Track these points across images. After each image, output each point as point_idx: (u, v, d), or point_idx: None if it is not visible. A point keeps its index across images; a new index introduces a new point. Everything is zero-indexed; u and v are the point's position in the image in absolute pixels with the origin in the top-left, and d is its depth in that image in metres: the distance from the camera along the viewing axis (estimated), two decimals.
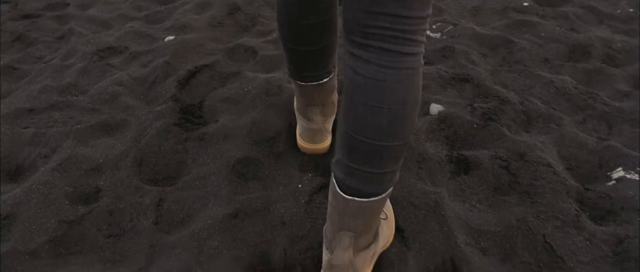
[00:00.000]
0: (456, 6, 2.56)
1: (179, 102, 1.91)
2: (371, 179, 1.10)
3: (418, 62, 1.04)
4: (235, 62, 2.18)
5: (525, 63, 2.09)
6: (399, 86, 1.02)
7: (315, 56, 1.45)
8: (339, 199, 1.14)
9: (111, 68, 2.14)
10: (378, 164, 1.09)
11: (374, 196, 1.13)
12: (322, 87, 1.55)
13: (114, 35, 2.38)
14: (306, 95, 1.57)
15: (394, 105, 1.03)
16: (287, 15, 1.38)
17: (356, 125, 1.06)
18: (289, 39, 1.43)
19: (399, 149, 1.08)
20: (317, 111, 1.60)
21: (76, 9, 2.70)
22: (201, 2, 2.64)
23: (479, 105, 1.83)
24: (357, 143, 1.07)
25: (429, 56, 2.15)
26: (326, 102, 1.61)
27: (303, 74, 1.50)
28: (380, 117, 1.04)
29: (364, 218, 1.16)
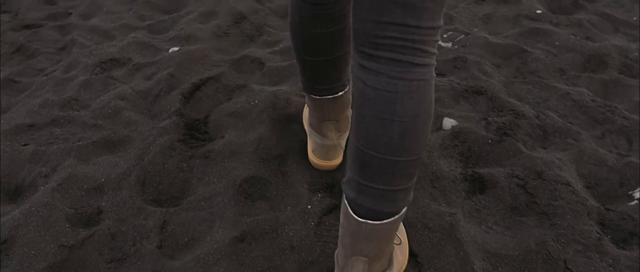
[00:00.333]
0: (467, 14, 2.51)
1: (184, 117, 1.87)
2: (383, 197, 1.07)
3: (430, 74, 1.02)
4: (241, 74, 2.14)
5: (540, 74, 2.03)
6: (410, 98, 0.99)
7: (328, 67, 1.41)
8: (351, 222, 1.10)
9: (114, 81, 2.09)
10: (390, 181, 1.05)
11: (388, 218, 1.09)
12: (337, 101, 1.51)
13: (117, 46, 2.34)
14: (320, 109, 1.53)
15: (405, 117, 1.00)
16: (299, 24, 1.35)
17: (367, 139, 1.03)
18: (301, 48, 1.40)
19: (411, 164, 1.05)
20: (332, 127, 1.56)
21: (78, 18, 2.66)
22: (206, 11, 2.60)
23: (494, 120, 1.77)
24: (368, 158, 1.04)
25: (441, 67, 2.10)
26: (341, 117, 1.57)
27: (316, 86, 1.46)
28: (391, 130, 1.01)
29: (377, 242, 1.12)
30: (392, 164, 1.03)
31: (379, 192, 1.06)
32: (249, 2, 2.69)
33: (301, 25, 1.35)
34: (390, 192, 1.06)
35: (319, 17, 1.33)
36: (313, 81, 1.45)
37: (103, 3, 2.77)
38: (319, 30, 1.34)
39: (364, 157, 1.05)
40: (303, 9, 1.34)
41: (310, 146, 1.63)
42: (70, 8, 2.81)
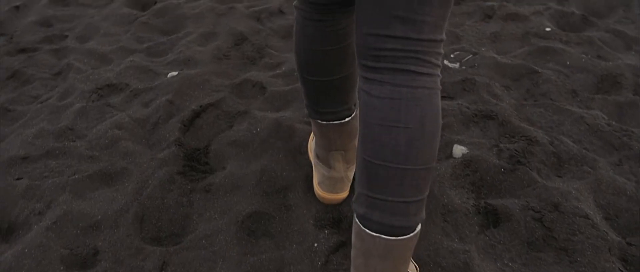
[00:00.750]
0: (474, 32, 2.46)
1: (183, 147, 1.81)
2: (394, 210, 1.04)
3: (434, 83, 1.03)
4: (242, 99, 2.09)
5: (552, 96, 1.98)
6: (415, 105, 1.00)
7: (333, 88, 1.37)
8: (364, 239, 1.07)
9: (111, 109, 2.04)
10: (399, 191, 1.03)
11: (401, 234, 1.05)
12: (343, 128, 1.46)
13: (114, 71, 2.29)
14: (327, 137, 1.48)
15: (410, 124, 1.00)
16: (304, 42, 1.32)
17: (373, 148, 1.03)
18: (305, 68, 1.36)
19: (420, 175, 1.03)
20: (339, 157, 1.51)
21: (75, 41, 2.62)
22: (205, 32, 2.55)
23: (506, 146, 1.72)
24: (375, 169, 1.03)
25: (449, 90, 2.05)
26: (348, 147, 1.51)
27: (321, 109, 1.42)
28: (397, 137, 1.01)
29: (392, 261, 1.08)
30: (401, 173, 1.02)
31: (389, 204, 1.04)
32: (250, 22, 2.64)
33: (305, 43, 1.32)
34: (400, 204, 1.04)
35: (324, 34, 1.30)
36: (317, 104, 1.41)
37: (100, 24, 2.73)
38: (323, 47, 1.31)
39: (372, 168, 1.04)
40: (307, 26, 1.31)
41: (316, 178, 1.57)
42: (67, 30, 2.76)
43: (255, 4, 2.85)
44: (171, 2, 2.88)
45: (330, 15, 1.29)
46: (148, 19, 2.74)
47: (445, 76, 2.14)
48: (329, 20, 1.29)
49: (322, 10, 1.28)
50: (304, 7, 1.31)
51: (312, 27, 1.30)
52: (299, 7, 1.33)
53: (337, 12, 1.28)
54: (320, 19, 1.29)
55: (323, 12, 1.28)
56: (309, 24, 1.31)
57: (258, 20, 2.69)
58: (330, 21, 1.29)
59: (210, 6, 2.78)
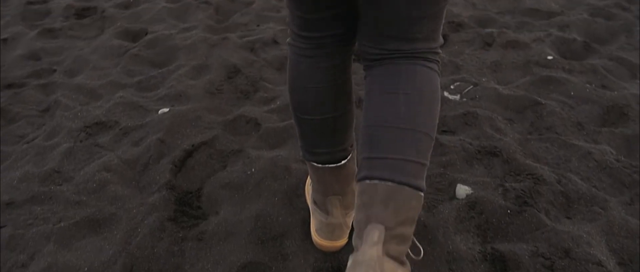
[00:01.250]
0: (474, 62, 2.41)
1: (175, 191, 1.75)
2: (394, 166, 1.05)
3: (434, 67, 1.12)
4: (236, 136, 2.03)
5: (557, 130, 1.93)
6: (413, 76, 1.09)
7: (329, 128, 1.32)
8: (364, 191, 1.07)
9: (99, 149, 1.98)
10: (398, 149, 1.06)
11: (405, 181, 1.05)
12: (340, 171, 1.40)
13: (103, 108, 2.23)
14: (323, 181, 1.41)
15: (409, 91, 1.08)
16: (297, 79, 1.28)
17: (375, 114, 1.09)
18: (299, 106, 1.31)
19: (418, 137, 1.06)
20: (336, 203, 1.44)
21: (63, 75, 2.56)
22: (197, 65, 2.50)
23: (511, 186, 1.66)
24: (377, 131, 1.08)
25: (450, 124, 1.99)
26: (346, 191, 1.45)
27: (316, 151, 1.36)
28: (397, 102, 1.08)
29: (394, 210, 1.04)
30: (401, 133, 1.06)
31: (389, 162, 1.05)
32: (243, 53, 2.60)
33: (299, 81, 1.28)
34: (399, 161, 1.05)
35: (318, 71, 1.26)
36: (312, 145, 1.36)
37: (89, 57, 2.68)
38: (317, 85, 1.27)
39: (373, 131, 1.09)
40: (301, 63, 1.27)
41: (314, 224, 1.51)
42: (55, 64, 2.71)
43: (248, 34, 2.81)
44: (162, 33, 2.83)
45: (324, 51, 1.25)
46: (139, 51, 2.69)
47: (445, 109, 2.09)
48: (322, 57, 1.25)
49: (315, 45, 1.24)
50: (297, 43, 1.27)
51: (305, 64, 1.27)
52: (292, 43, 1.29)
53: (331, 46, 1.25)
54: (313, 55, 1.25)
55: (317, 47, 1.25)
56: (303, 60, 1.27)
57: (252, 51, 2.64)
58: (324, 57, 1.25)
59: (202, 37, 2.74)
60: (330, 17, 1.20)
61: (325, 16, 1.19)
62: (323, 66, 1.26)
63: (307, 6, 1.18)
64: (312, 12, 1.19)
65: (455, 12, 2.88)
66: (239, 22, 2.97)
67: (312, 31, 1.23)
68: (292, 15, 1.25)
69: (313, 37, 1.23)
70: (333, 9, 1.18)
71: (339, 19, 1.20)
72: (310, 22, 1.21)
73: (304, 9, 1.19)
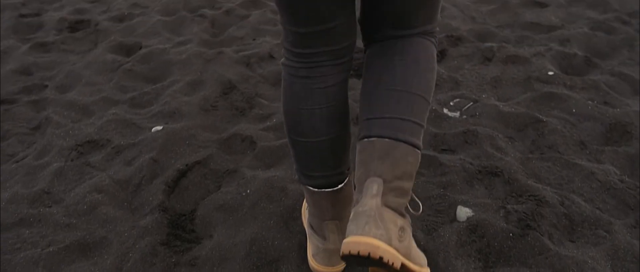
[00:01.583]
0: (474, 77, 2.38)
1: (168, 213, 1.71)
2: (391, 124, 1.13)
3: (429, 40, 1.22)
4: (231, 155, 2.00)
5: (559, 148, 1.90)
6: (410, 47, 1.19)
7: (324, 150, 1.29)
8: (364, 146, 1.15)
9: (90, 169, 1.94)
10: (395, 109, 1.14)
11: (401, 139, 1.12)
12: (337, 195, 1.36)
13: (95, 125, 2.20)
14: (319, 206, 1.38)
15: (406, 58, 1.18)
16: (292, 101, 1.26)
17: (374, 78, 1.18)
18: (293, 128, 1.28)
19: (415, 99, 1.15)
20: (334, 228, 1.40)
21: (55, 91, 2.53)
22: (192, 81, 2.47)
23: (513, 208, 1.63)
24: (376, 93, 1.17)
25: (450, 142, 1.96)
26: (343, 216, 1.41)
27: (312, 174, 1.33)
28: (394, 68, 1.17)
29: (391, 163, 1.11)
30: (397, 95, 1.15)
31: (386, 121, 1.14)
32: (239, 68, 2.57)
33: (293, 102, 1.26)
34: (396, 120, 1.13)
35: (312, 92, 1.24)
36: (308, 168, 1.32)
37: (82, 73, 2.65)
38: (312, 106, 1.25)
39: (373, 94, 1.18)
40: (295, 84, 1.25)
41: (310, 249, 1.47)
42: (47, 79, 2.68)
43: (244, 48, 2.78)
44: (157, 47, 2.80)
45: (318, 71, 1.23)
46: (132, 65, 2.66)
47: (445, 127, 2.06)
48: (317, 77, 1.23)
49: (309, 64, 1.23)
50: (291, 63, 1.26)
51: (299, 85, 1.25)
52: (286, 63, 1.27)
53: (326, 66, 1.23)
54: (307, 76, 1.24)
55: (311, 67, 1.23)
56: (297, 81, 1.25)
57: (247, 66, 2.61)
58: (319, 78, 1.24)
59: (197, 51, 2.71)
60: (324, 32, 1.18)
61: (319, 31, 1.18)
62: (318, 88, 1.24)
63: (300, 19, 1.16)
64: (305, 25, 1.17)
65: (454, 26, 2.86)
66: (234, 36, 2.94)
67: (306, 47, 1.21)
68: (286, 32, 1.23)
69: (307, 54, 1.21)
70: (326, 23, 1.17)
71: (332, 34, 1.19)
72: (303, 37, 1.20)
73: (298, 23, 1.17)
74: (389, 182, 1.10)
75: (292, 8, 1.15)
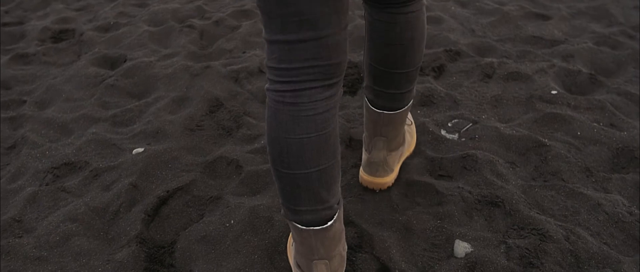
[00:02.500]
0: (473, 96, 2.30)
1: (146, 245, 1.62)
2: (393, 98, 1.55)
3: (420, 6, 1.44)
4: (215, 180, 1.91)
5: (563, 176, 1.81)
6: (407, 26, 1.42)
7: (312, 183, 1.20)
8: (372, 113, 1.62)
9: (66, 195, 1.85)
10: (397, 86, 1.53)
11: (398, 109, 1.59)
12: (326, 234, 1.27)
13: (74, 145, 2.11)
14: (307, 244, 1.29)
15: (404, 42, 1.44)
16: (277, 130, 1.17)
17: (377, 58, 1.48)
18: (278, 159, 1.19)
19: (411, 74, 1.52)
20: (323, 268, 1.31)
21: (33, 107, 2.44)
22: (177, 97, 2.38)
23: (515, 243, 1.54)
24: (379, 72, 1.51)
25: (448, 167, 1.88)
26: (333, 255, 1.31)
27: (299, 209, 1.23)
28: (395, 52, 1.45)
29: (393, 125, 1.63)
30: (398, 76, 1.50)
31: (389, 94, 1.55)
32: (227, 83, 2.48)
33: (279, 131, 1.17)
34: (397, 94, 1.55)
35: (300, 120, 1.16)
36: (294, 203, 1.23)
37: (62, 87, 2.56)
38: (299, 135, 1.16)
39: (376, 71, 1.51)
40: (281, 111, 1.16)
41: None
42: (26, 94, 2.59)
43: (232, 62, 2.69)
44: (142, 60, 2.72)
45: (306, 95, 1.15)
46: (115, 80, 2.57)
47: (443, 150, 1.98)
48: (305, 104, 1.15)
49: (297, 86, 1.14)
50: (276, 87, 1.16)
51: (285, 113, 1.16)
52: (271, 88, 1.17)
53: (315, 88, 1.15)
54: (294, 102, 1.15)
55: (298, 90, 1.14)
56: (282, 109, 1.16)
57: (236, 81, 2.52)
58: (307, 104, 1.15)
59: (184, 65, 2.62)
60: (314, 42, 1.10)
61: (309, 39, 1.10)
62: (306, 115, 1.16)
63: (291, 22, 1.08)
64: (297, 31, 1.09)
65: (452, 39, 2.78)
66: (223, 48, 2.86)
67: (294, 61, 1.12)
68: (272, 47, 1.14)
69: (294, 71, 1.13)
70: (317, 30, 1.09)
71: (323, 46, 1.11)
72: (292, 48, 1.11)
73: (288, 29, 1.09)
74: (392, 137, 1.67)
75: (284, 8, 1.07)
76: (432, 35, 2.85)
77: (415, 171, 1.87)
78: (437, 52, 2.64)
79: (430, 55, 2.63)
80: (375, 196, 1.76)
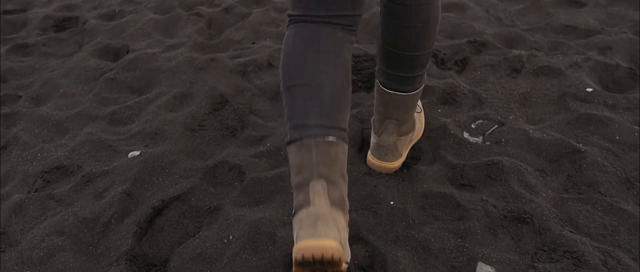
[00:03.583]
0: (500, 93, 2.13)
1: (136, 263, 1.50)
2: (405, 81, 1.57)
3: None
4: (215, 187, 1.78)
5: (600, 187, 1.65)
6: (420, 9, 1.43)
7: (325, 96, 1.20)
8: (383, 94, 1.61)
9: (55, 204, 1.74)
10: (410, 70, 1.54)
11: (411, 92, 1.60)
12: (328, 148, 1.18)
13: (67, 147, 1.99)
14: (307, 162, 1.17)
15: (419, 23, 1.45)
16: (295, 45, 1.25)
17: (391, 40, 1.49)
18: (294, 73, 1.22)
19: (424, 57, 1.53)
20: (320, 189, 1.15)
21: (28, 103, 2.33)
22: (180, 94, 2.25)
23: (545, 267, 1.39)
24: (392, 55, 1.52)
25: (470, 176, 1.72)
26: (334, 180, 1.17)
27: (307, 123, 1.19)
28: (409, 34, 1.47)
29: (404, 108, 1.63)
30: (411, 58, 1.51)
31: (402, 78, 1.56)
32: (233, 78, 2.34)
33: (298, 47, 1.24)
34: (410, 78, 1.56)
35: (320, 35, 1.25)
36: (304, 117, 1.19)
37: (60, 81, 2.44)
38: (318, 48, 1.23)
39: (389, 54, 1.53)
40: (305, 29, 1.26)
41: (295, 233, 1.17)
42: (22, 88, 2.48)
43: (241, 54, 2.55)
44: (145, 52, 2.59)
45: (326, 28, 1.26)
46: (116, 73, 2.45)
47: (465, 155, 1.82)
48: (325, 30, 1.25)
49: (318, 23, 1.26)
50: (297, 23, 1.28)
51: (307, 30, 1.25)
52: (292, 23, 1.29)
53: (335, 25, 1.27)
54: (314, 30, 1.25)
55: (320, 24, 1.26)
56: (303, 28, 1.26)
57: (243, 75, 2.38)
58: (327, 30, 1.26)
59: (188, 57, 2.48)
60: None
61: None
62: (326, 33, 1.25)
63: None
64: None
65: (477, 29, 2.60)
66: (231, 39, 2.71)
67: (320, 9, 1.25)
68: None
69: (319, 16, 1.25)
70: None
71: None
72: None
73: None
74: (402, 121, 1.66)
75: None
76: (455, 24, 2.67)
77: (434, 179, 1.72)
78: (460, 44, 2.47)
79: (453, 47, 2.46)
80: (389, 209, 1.61)
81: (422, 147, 1.88)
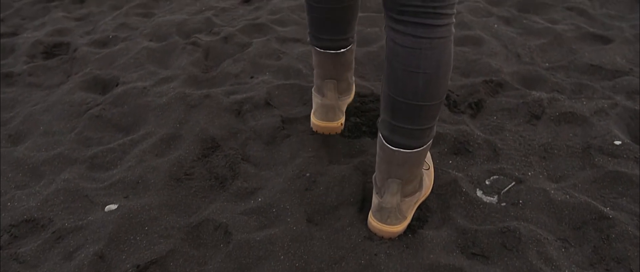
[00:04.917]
0: (518, 143, 1.97)
1: None
2: (412, 135, 1.43)
3: (449, 31, 1.32)
4: (198, 250, 1.63)
5: (632, 264, 1.48)
6: (432, 53, 1.32)
7: (336, 16, 1.70)
8: (386, 151, 1.48)
9: (18, 266, 1.59)
10: (417, 122, 1.41)
11: (417, 148, 1.46)
12: (339, 58, 1.82)
13: (41, 196, 1.85)
14: (322, 65, 1.84)
15: (428, 69, 1.33)
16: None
17: (396, 88, 1.38)
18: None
19: (434, 108, 1.40)
20: (331, 86, 1.86)
21: (5, 142, 2.20)
22: (167, 135, 2.11)
23: None
24: (398, 104, 1.39)
25: (483, 243, 1.56)
26: (341, 78, 1.89)
27: (322, 37, 1.76)
28: (417, 81, 1.34)
29: (409, 167, 1.49)
30: (418, 109, 1.38)
31: (408, 131, 1.42)
32: (227, 118, 2.19)
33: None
34: (417, 131, 1.42)
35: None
36: (319, 31, 1.75)
37: (41, 117, 2.31)
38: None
39: (395, 103, 1.40)
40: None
41: (313, 109, 1.97)
42: (2, 123, 2.35)
43: (237, 89, 2.41)
44: (135, 86, 2.45)
45: None
46: (102, 109, 2.31)
47: (478, 218, 1.66)
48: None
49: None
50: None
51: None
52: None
53: None
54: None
55: None
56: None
57: (238, 115, 2.23)
58: None
59: (180, 93, 2.34)
60: None
61: None
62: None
63: None
64: None
65: (494, 66, 2.44)
66: (228, 72, 2.57)
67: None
68: None
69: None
70: None
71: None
72: None
73: None
74: (407, 181, 1.52)
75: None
76: (470, 60, 2.51)
77: (442, 247, 1.56)
78: (475, 83, 2.31)
79: (467, 86, 2.30)
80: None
81: (430, 206, 1.72)
